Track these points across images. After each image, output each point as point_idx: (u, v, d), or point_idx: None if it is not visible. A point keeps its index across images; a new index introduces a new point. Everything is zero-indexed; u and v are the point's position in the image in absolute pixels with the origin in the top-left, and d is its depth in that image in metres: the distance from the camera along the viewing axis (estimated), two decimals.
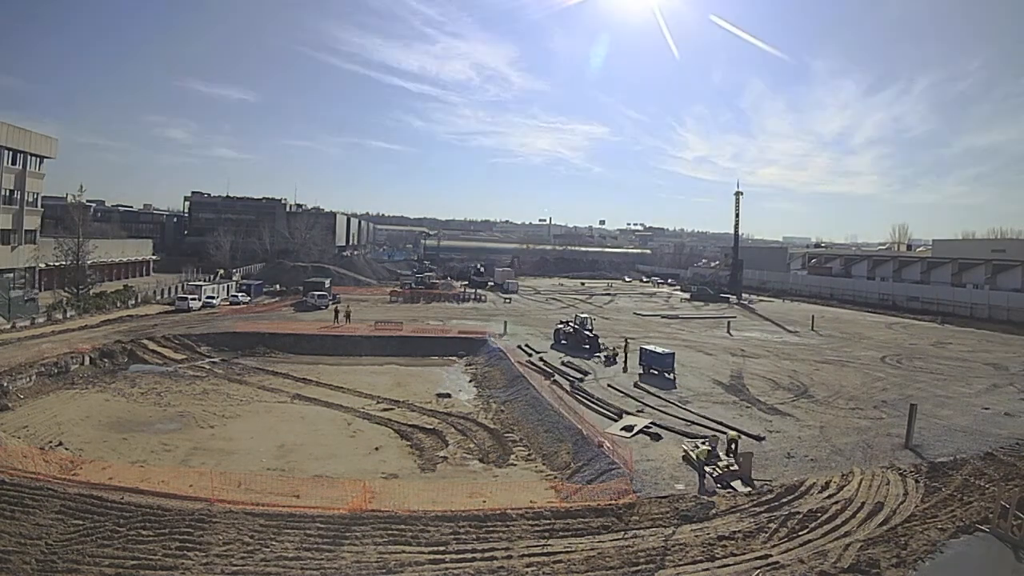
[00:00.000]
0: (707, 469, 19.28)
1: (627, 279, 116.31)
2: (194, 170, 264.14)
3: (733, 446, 20.53)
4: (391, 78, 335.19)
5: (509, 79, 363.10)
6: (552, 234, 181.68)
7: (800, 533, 15.27)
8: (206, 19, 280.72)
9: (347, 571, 13.16)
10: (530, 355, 38.08)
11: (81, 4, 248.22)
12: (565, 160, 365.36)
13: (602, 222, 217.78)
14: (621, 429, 23.55)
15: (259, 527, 14.69)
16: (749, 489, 18.07)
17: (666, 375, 32.55)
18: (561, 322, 44.38)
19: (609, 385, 30.63)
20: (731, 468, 19.14)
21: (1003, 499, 15.82)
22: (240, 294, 61.85)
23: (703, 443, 20.90)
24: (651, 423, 24.16)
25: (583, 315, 44.38)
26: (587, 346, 39.70)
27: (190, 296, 54.19)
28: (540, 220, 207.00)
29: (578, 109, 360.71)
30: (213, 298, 56.98)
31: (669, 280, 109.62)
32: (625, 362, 35.21)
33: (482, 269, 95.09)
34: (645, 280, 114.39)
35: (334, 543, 14.22)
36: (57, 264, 49.91)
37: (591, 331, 40.85)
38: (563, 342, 41.58)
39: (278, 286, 71.17)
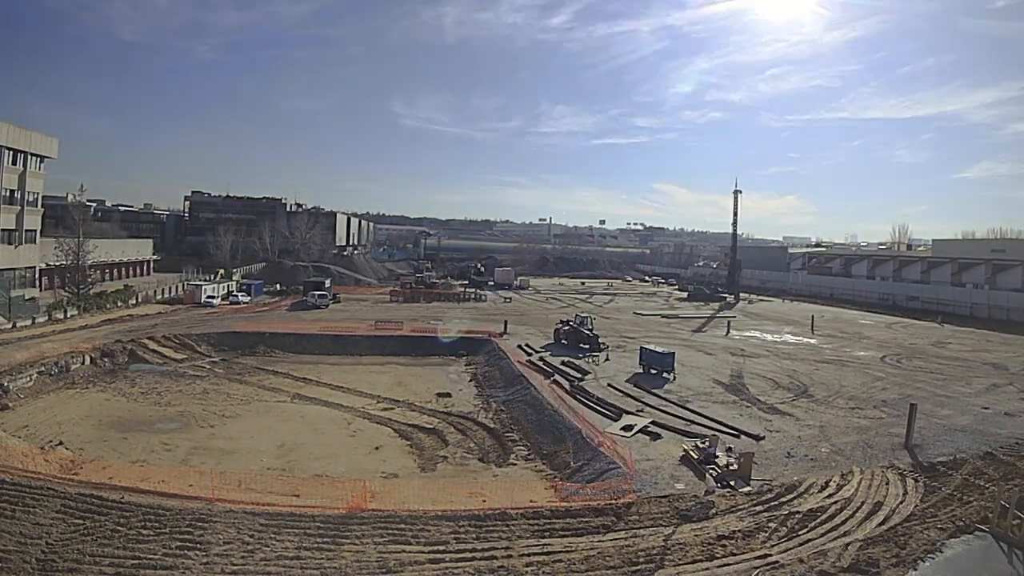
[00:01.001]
0: (707, 468, 19.30)
1: (627, 279, 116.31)
2: (193, 168, 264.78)
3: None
4: None
5: None
6: (552, 234, 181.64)
7: (800, 532, 15.28)
8: None
9: (347, 570, 13.16)
10: (530, 355, 38.09)
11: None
12: None
13: (602, 222, 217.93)
14: (621, 429, 23.55)
15: (259, 526, 14.70)
16: (749, 488, 18.08)
17: (666, 374, 32.56)
18: (561, 321, 44.39)
19: (609, 385, 30.62)
20: (730, 468, 19.17)
21: (1003, 499, 15.83)
22: (240, 294, 61.83)
23: (703, 442, 20.91)
24: (651, 422, 24.15)
25: (583, 315, 44.38)
26: (586, 345, 39.71)
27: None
28: (540, 220, 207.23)
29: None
30: (213, 297, 57.07)
31: (670, 280, 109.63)
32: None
33: (482, 268, 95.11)
34: (646, 280, 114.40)
35: (334, 542, 14.22)
36: (58, 264, 49.96)
37: (591, 331, 40.86)
38: (563, 342, 41.59)
39: (278, 285, 71.19)
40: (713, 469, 19.27)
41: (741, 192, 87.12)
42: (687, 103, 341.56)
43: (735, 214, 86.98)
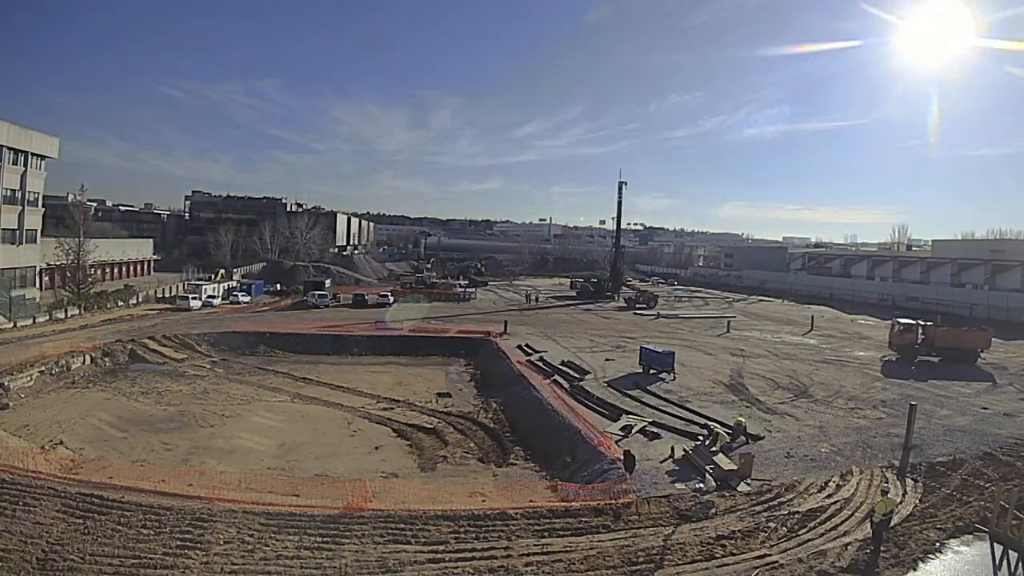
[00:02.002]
0: (707, 468, 19.32)
1: (627, 279, 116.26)
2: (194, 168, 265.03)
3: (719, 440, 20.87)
4: None
5: None
6: (552, 233, 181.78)
7: (799, 533, 15.30)
8: None
9: (347, 570, 13.17)
10: (529, 355, 38.14)
11: None
12: None
13: (602, 222, 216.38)
14: (620, 428, 23.58)
15: (259, 526, 14.71)
16: (748, 488, 18.10)
17: (665, 374, 32.59)
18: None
19: (608, 384, 30.65)
20: (730, 468, 19.18)
21: (1002, 499, 15.84)
22: (240, 293, 61.72)
23: (702, 440, 20.93)
24: (650, 422, 24.17)
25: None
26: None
27: (191, 295, 54.42)
28: (540, 220, 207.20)
29: None
30: (214, 297, 57.03)
31: (670, 280, 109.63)
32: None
33: (482, 268, 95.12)
34: (645, 280, 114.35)
35: (334, 542, 14.23)
36: (58, 263, 50.00)
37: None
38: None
39: (278, 285, 71.21)
40: (712, 468, 19.29)
41: (626, 184, 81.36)
42: None
43: (619, 205, 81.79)
